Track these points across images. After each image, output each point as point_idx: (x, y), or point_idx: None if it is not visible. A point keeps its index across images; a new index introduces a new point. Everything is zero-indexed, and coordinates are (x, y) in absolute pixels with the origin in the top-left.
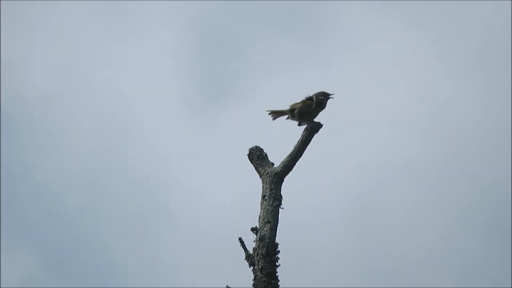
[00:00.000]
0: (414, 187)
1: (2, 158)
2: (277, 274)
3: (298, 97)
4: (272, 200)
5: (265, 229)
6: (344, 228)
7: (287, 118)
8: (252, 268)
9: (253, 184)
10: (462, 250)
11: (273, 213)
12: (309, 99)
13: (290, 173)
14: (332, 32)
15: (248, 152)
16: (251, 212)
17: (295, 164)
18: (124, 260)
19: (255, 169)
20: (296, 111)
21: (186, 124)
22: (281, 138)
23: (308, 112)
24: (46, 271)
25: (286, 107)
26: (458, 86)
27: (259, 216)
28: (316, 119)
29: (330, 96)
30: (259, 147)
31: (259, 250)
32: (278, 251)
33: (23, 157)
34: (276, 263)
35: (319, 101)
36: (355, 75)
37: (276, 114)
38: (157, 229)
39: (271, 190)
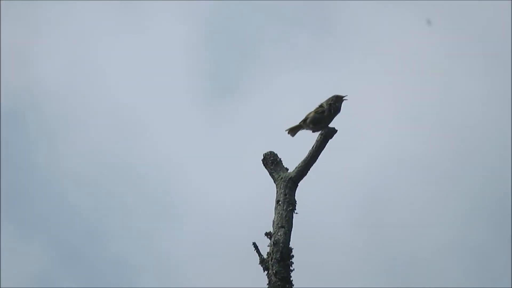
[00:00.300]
0: (426, 182)
1: (11, 154)
2: (291, 279)
3: (310, 95)
4: (286, 205)
5: (279, 233)
6: (357, 231)
7: (303, 129)
8: (266, 272)
9: (265, 184)
10: (475, 244)
11: (287, 218)
12: (322, 106)
13: (304, 178)
14: (345, 27)
15: (262, 157)
16: (265, 216)
17: (309, 169)
18: (133, 258)
19: (269, 174)
20: (308, 121)
21: (195, 121)
22: (295, 141)
23: (321, 119)
24: (57, 267)
25: (300, 117)
26: (471, 82)
27: (273, 221)
28: (332, 122)
29: (343, 98)
30: (273, 152)
31: (273, 254)
32: (292, 256)
33: (33, 152)
34: (290, 268)
35: (331, 107)
36: (367, 71)
37: (293, 130)
38: (167, 228)
39: (285, 195)
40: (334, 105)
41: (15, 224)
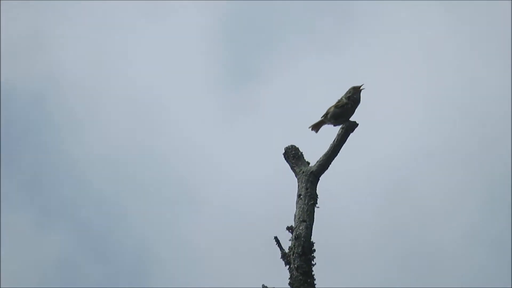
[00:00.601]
0: (449, 173)
1: (35, 139)
2: (313, 273)
3: (332, 81)
4: (308, 199)
5: (300, 228)
6: (379, 225)
7: (325, 124)
8: (288, 267)
9: (286, 178)
10: (496, 236)
11: (308, 212)
12: (341, 100)
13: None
14: (368, 14)
15: (284, 151)
16: (286, 210)
17: (330, 163)
18: (155, 243)
19: (291, 168)
20: (329, 116)
21: (216, 108)
22: (317, 135)
23: (342, 113)
24: (80, 252)
25: (321, 104)
26: (496, 71)
27: (295, 215)
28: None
29: (361, 88)
30: (295, 146)
31: (294, 249)
32: (314, 250)
33: (56, 138)
34: (312, 262)
35: (350, 100)
36: (390, 58)
37: (316, 126)
38: (189, 214)
39: (306, 189)
40: (352, 97)
41: (39, 209)
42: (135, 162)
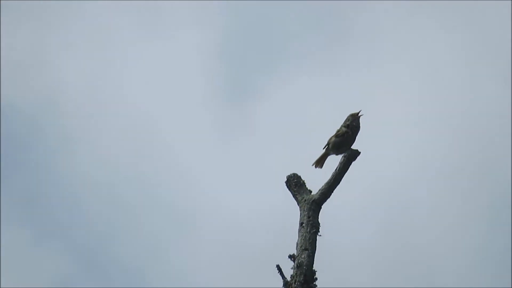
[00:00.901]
0: (450, 196)
1: (30, 159)
2: None
3: (328, 101)
4: (310, 228)
5: (302, 256)
6: (381, 252)
7: (329, 156)
8: None
9: (287, 204)
10: (499, 260)
11: (310, 240)
12: (341, 129)
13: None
14: (364, 32)
15: (286, 179)
16: (289, 238)
17: (332, 192)
18: (147, 267)
19: (293, 196)
20: (330, 146)
21: (211, 128)
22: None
23: (342, 142)
24: (72, 272)
25: (319, 123)
26: (494, 86)
27: (297, 243)
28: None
29: (359, 115)
30: (297, 174)
31: (296, 277)
32: (316, 278)
33: (51, 158)
34: None
35: (349, 128)
36: (387, 76)
37: (320, 162)
38: (182, 236)
39: (308, 217)
40: (351, 124)
41: (33, 228)
42: (129, 184)
